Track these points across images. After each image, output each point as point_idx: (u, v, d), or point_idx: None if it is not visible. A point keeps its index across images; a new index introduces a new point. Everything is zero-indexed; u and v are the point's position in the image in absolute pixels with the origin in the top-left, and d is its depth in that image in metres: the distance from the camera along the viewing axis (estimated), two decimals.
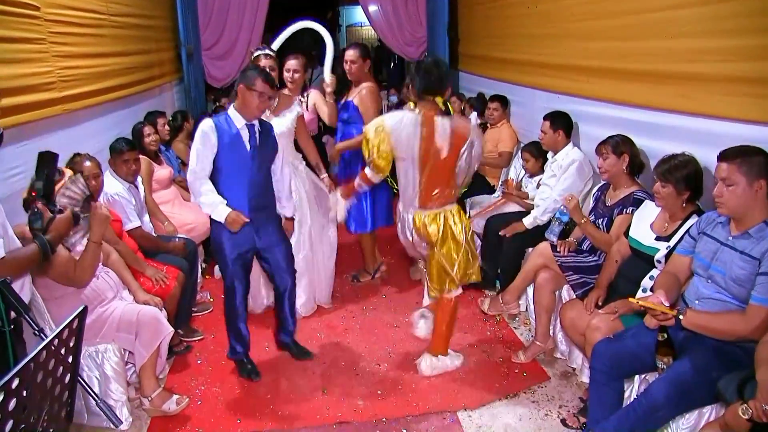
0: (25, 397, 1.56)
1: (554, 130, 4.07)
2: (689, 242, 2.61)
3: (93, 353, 3.04)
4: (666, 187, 2.79)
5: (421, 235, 3.32)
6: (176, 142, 5.58)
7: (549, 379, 3.44)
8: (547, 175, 4.23)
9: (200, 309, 4.31)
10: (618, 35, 3.57)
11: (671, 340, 2.42)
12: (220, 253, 3.35)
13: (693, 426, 2.41)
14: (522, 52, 5.13)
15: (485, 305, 4.02)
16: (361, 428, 3.05)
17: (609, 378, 2.66)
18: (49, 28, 3.62)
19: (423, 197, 3.26)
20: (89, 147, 3.70)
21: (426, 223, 3.27)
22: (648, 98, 3.34)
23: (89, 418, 3.04)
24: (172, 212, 4.56)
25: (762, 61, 2.54)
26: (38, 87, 3.44)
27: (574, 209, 3.43)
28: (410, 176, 3.24)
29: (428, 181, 3.21)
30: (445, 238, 3.27)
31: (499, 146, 5.32)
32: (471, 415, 3.14)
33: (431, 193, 3.23)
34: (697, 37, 2.93)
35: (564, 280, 3.45)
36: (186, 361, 3.70)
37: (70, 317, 1.78)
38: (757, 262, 2.26)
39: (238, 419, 3.13)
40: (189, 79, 7.13)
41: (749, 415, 1.98)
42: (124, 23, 5.07)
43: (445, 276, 3.36)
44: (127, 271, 3.40)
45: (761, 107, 2.55)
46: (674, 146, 2.97)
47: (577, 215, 3.43)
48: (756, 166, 2.27)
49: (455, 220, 3.29)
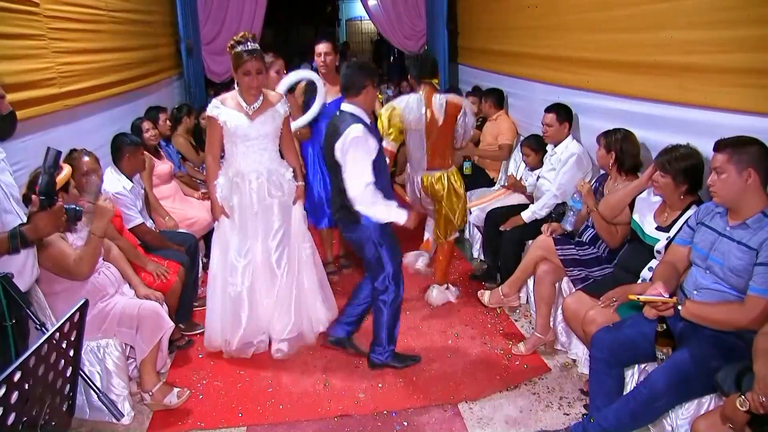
0: (26, 390, 1.58)
1: (560, 123, 4.07)
2: (687, 232, 2.61)
3: (94, 348, 3.06)
4: (665, 178, 2.80)
5: (429, 193, 4.14)
6: (176, 136, 5.58)
7: (549, 370, 3.45)
8: (546, 168, 4.24)
9: (201, 303, 4.30)
10: (617, 27, 3.57)
11: (670, 331, 2.44)
12: (396, 252, 3.36)
13: (692, 415, 2.42)
14: (521, 45, 5.13)
15: (485, 298, 4.03)
16: (363, 421, 3.06)
17: (609, 366, 2.67)
18: (48, 24, 3.62)
19: (430, 159, 4.05)
20: (89, 143, 3.71)
21: (433, 182, 4.08)
22: (647, 90, 3.34)
23: (91, 412, 3.05)
24: (173, 207, 4.57)
25: (760, 52, 2.55)
26: (38, 83, 3.45)
27: (588, 194, 3.42)
28: (418, 143, 4.02)
29: (433, 145, 4.00)
30: (449, 193, 4.09)
31: (499, 139, 5.32)
32: (472, 407, 3.15)
33: (436, 155, 4.02)
34: (695, 28, 2.93)
35: (564, 272, 3.46)
36: (187, 355, 3.71)
37: (72, 310, 1.80)
38: (754, 252, 2.26)
39: (239, 413, 3.14)
40: (189, 74, 7.14)
41: (747, 407, 1.99)
42: (124, 19, 5.07)
43: (448, 224, 4.17)
44: (128, 265, 3.41)
45: (759, 98, 2.56)
46: (673, 137, 2.98)
47: (591, 200, 3.41)
48: (746, 155, 2.28)
49: (455, 179, 4.12)
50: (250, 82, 3.33)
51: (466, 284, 4.56)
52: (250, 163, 3.46)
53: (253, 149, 3.44)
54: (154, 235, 3.90)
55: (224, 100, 3.45)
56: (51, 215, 2.26)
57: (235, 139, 3.42)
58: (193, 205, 4.85)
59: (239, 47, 3.32)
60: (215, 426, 3.06)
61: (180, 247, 3.98)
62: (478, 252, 5.03)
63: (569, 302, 3.18)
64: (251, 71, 3.30)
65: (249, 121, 3.40)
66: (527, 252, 3.82)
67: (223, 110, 3.40)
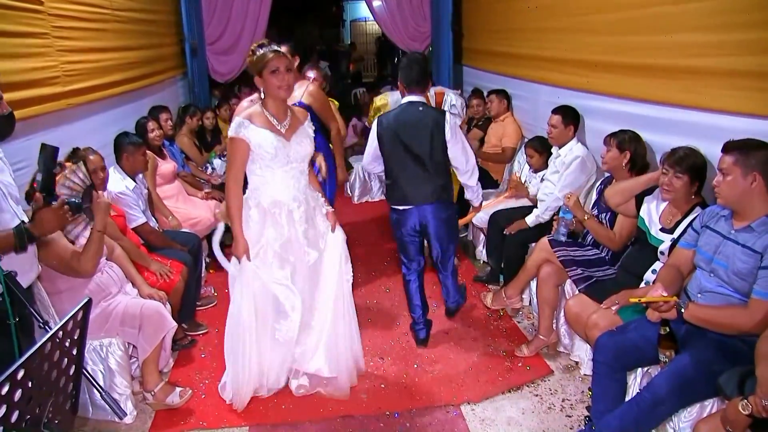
0: (30, 388, 1.58)
1: (565, 125, 4.05)
2: (692, 235, 2.60)
3: (97, 347, 3.06)
4: (681, 178, 2.78)
5: None
6: (180, 136, 5.59)
7: (552, 372, 3.45)
8: (549, 171, 4.23)
9: (205, 303, 4.32)
10: (622, 29, 3.56)
11: (673, 334, 2.43)
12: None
13: (695, 419, 2.41)
14: (526, 47, 5.12)
15: (488, 300, 4.02)
16: (365, 422, 3.06)
17: (612, 370, 2.66)
18: (52, 22, 3.63)
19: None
20: (93, 141, 3.70)
21: None
22: (652, 93, 3.33)
23: (94, 411, 3.06)
24: (177, 207, 4.58)
25: (764, 55, 2.54)
26: (42, 81, 3.46)
27: (575, 206, 3.44)
28: None
29: None
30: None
31: (503, 141, 5.31)
32: (474, 409, 3.15)
33: None
34: (701, 31, 2.92)
35: (567, 275, 3.45)
36: (190, 355, 3.71)
37: (75, 309, 1.80)
38: (759, 255, 2.26)
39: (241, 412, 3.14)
40: (193, 74, 7.15)
41: (749, 410, 1.98)
42: (128, 18, 5.08)
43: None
44: (131, 265, 3.41)
45: (764, 101, 2.55)
46: (678, 140, 2.97)
47: (579, 212, 3.44)
48: (753, 159, 2.28)
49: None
50: (280, 82, 2.88)
51: (469, 286, 4.55)
52: (290, 190, 3.03)
53: (291, 173, 3.01)
54: (157, 234, 3.91)
55: (251, 117, 2.91)
56: (54, 211, 2.28)
57: (272, 163, 2.95)
58: (197, 204, 4.86)
59: (261, 49, 2.90)
60: (217, 426, 3.06)
61: (183, 246, 3.98)
62: (481, 254, 5.02)
63: (571, 305, 3.18)
64: (279, 68, 2.86)
65: (285, 141, 2.96)
66: (530, 254, 3.81)
67: (253, 130, 2.89)
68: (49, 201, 2.26)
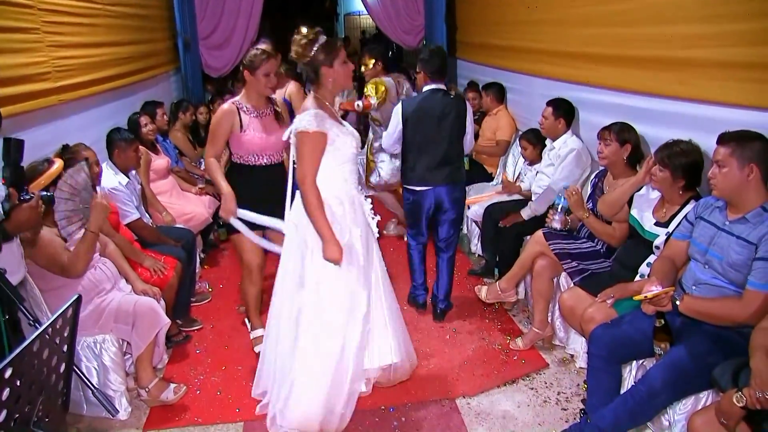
0: (18, 386, 1.56)
1: (555, 118, 4.05)
2: (686, 227, 2.60)
3: (91, 344, 3.04)
4: (663, 172, 2.78)
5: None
6: (174, 131, 5.57)
7: (547, 365, 3.45)
8: (544, 164, 4.22)
9: (199, 299, 4.30)
10: (617, 21, 3.55)
11: (668, 326, 2.42)
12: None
13: (689, 411, 2.41)
14: (520, 39, 5.10)
15: (482, 293, 4.02)
16: (360, 417, 3.05)
17: (607, 363, 2.66)
18: (43, 17, 3.59)
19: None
20: (85, 137, 3.67)
21: None
22: (647, 85, 3.32)
23: (88, 408, 3.05)
24: (170, 202, 4.55)
25: (760, 46, 2.52)
26: (33, 77, 3.42)
27: (576, 205, 3.38)
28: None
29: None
30: None
31: (497, 134, 5.30)
32: (470, 402, 3.14)
33: None
34: (696, 22, 2.91)
35: (561, 268, 3.44)
36: (185, 351, 3.70)
37: (64, 306, 1.78)
38: (753, 247, 2.25)
39: (237, 408, 3.13)
40: (186, 69, 7.11)
41: (743, 402, 1.98)
42: (120, 13, 5.04)
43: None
44: (125, 261, 3.39)
45: (760, 92, 2.54)
46: (674, 132, 2.96)
47: (580, 211, 3.39)
48: (749, 150, 2.27)
49: None
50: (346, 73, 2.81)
51: (464, 279, 4.54)
52: (355, 185, 2.93)
53: (355, 169, 2.94)
54: (150, 230, 3.89)
55: (318, 108, 2.74)
56: (29, 208, 2.24)
57: (345, 158, 2.82)
58: (191, 200, 4.84)
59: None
60: (212, 422, 3.05)
61: (177, 242, 3.96)
62: (476, 247, 5.01)
63: (565, 298, 3.17)
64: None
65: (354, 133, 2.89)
66: (525, 247, 3.81)
67: (329, 124, 2.73)
68: (20, 195, 2.22)
